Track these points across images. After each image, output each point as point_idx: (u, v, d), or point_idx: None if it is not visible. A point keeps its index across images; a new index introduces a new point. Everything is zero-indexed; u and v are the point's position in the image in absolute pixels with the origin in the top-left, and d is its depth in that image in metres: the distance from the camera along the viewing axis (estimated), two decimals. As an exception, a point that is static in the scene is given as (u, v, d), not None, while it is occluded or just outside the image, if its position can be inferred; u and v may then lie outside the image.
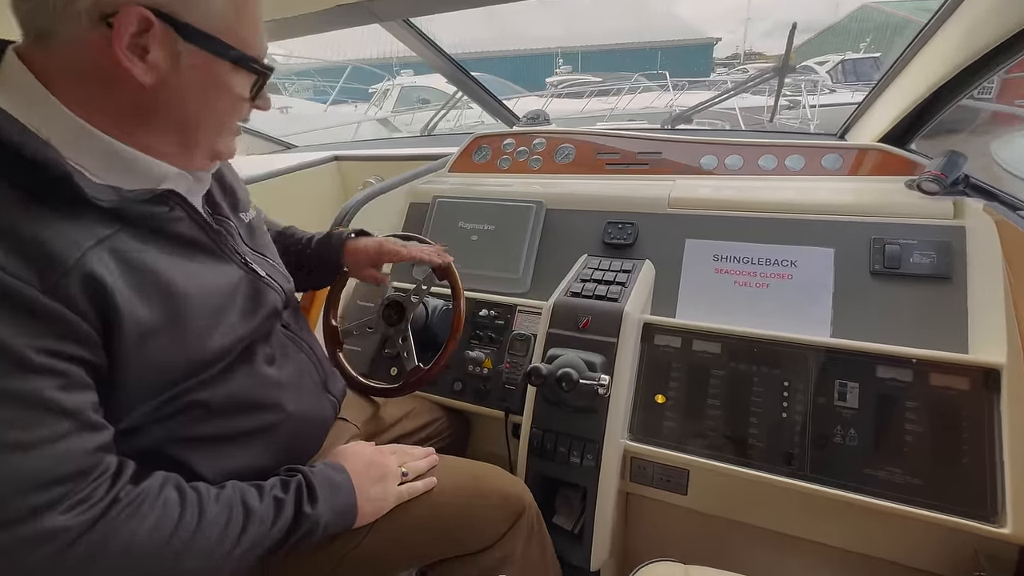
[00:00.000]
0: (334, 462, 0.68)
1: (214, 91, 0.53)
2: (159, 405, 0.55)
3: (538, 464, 0.94)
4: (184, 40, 0.49)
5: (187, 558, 0.50)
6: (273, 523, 0.56)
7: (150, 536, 0.48)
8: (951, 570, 0.80)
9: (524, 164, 1.51)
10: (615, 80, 7.68)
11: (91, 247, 0.46)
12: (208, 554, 0.51)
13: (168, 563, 0.49)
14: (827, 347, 0.88)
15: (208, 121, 0.55)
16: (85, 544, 0.44)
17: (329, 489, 0.62)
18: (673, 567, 0.69)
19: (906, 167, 1.15)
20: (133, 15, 0.45)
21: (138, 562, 0.47)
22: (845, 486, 0.79)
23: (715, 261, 1.09)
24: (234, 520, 0.54)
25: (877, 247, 0.98)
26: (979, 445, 0.76)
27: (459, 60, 1.74)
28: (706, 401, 0.91)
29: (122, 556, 0.46)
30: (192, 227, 0.58)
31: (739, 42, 22.92)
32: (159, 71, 0.48)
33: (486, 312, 1.13)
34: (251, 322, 0.62)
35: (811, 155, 1.25)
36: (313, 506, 0.59)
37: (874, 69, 9.28)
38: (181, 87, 0.51)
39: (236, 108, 0.57)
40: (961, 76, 1.00)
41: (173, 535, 0.49)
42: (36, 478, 0.42)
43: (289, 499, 0.58)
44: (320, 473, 0.63)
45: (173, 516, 0.50)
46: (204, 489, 0.54)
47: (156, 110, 0.51)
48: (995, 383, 0.77)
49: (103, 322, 0.47)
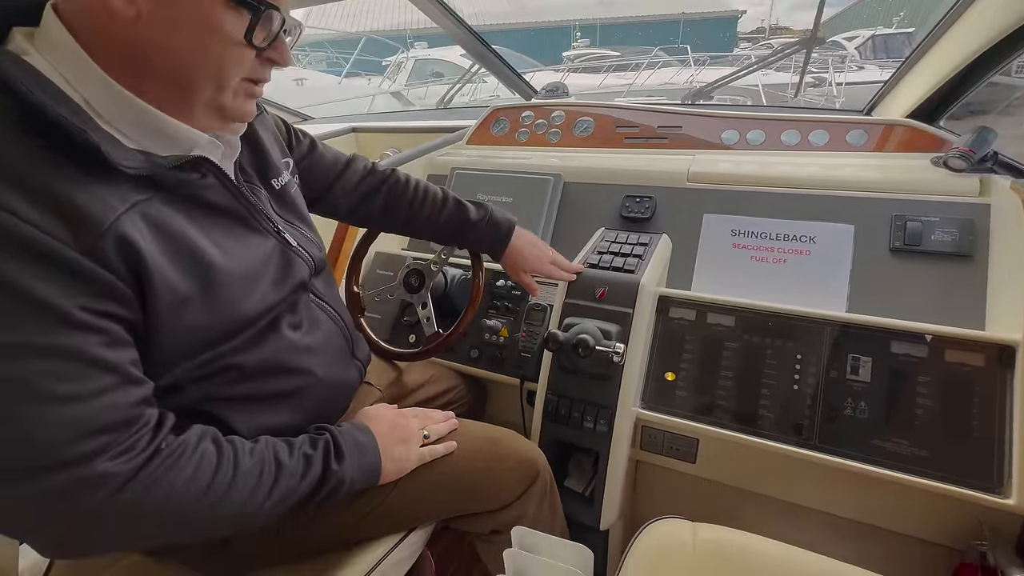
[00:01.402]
0: (360, 423, 0.70)
1: (203, 29, 0.48)
2: (197, 366, 0.57)
3: (552, 429, 0.97)
4: None
5: (222, 507, 0.52)
6: (302, 478, 0.58)
7: (188, 486, 0.50)
8: (954, 541, 0.82)
9: (542, 137, 1.51)
10: (634, 54, 7.48)
11: (125, 211, 0.47)
12: (241, 504, 0.54)
13: (204, 511, 0.52)
14: (842, 322, 0.88)
15: (201, 67, 0.50)
16: (130, 491, 0.46)
17: (355, 448, 0.64)
18: (681, 524, 0.72)
19: (934, 143, 1.13)
20: None
21: (177, 509, 0.50)
22: (853, 456, 0.81)
23: (733, 236, 1.10)
24: (266, 473, 0.56)
25: (899, 224, 0.98)
26: (989, 419, 0.77)
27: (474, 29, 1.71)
28: (718, 372, 0.93)
29: (163, 502, 0.49)
30: (225, 195, 0.58)
31: (764, 16, 22.06)
32: (142, 2, 0.46)
33: (503, 282, 1.15)
34: (281, 291, 0.64)
35: (836, 130, 1.23)
36: (340, 463, 0.61)
37: (906, 45, 8.89)
38: (166, 21, 0.47)
39: (234, 55, 0.51)
40: (996, 49, 0.96)
41: (210, 485, 0.51)
42: (85, 426, 0.44)
43: (317, 456, 0.60)
44: (347, 433, 0.65)
45: (210, 467, 0.52)
46: (239, 443, 0.56)
47: (145, 52, 0.48)
48: (1009, 359, 0.78)
49: (137, 284, 0.48)
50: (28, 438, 0.42)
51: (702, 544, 0.68)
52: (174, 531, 0.52)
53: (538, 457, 0.84)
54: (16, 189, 0.42)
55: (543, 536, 0.67)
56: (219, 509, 0.52)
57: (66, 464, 0.43)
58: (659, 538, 0.70)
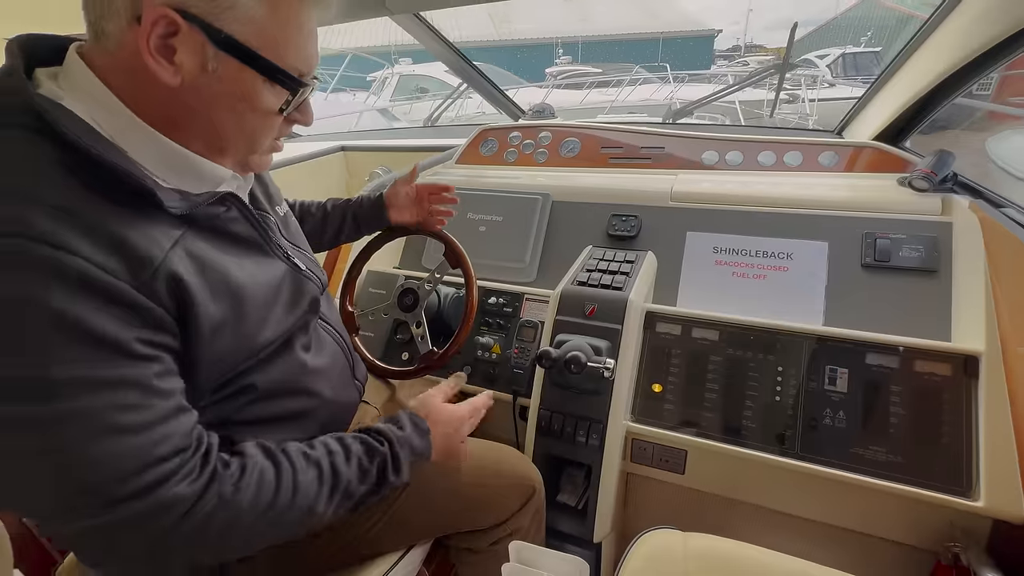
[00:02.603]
0: (422, 421, 0.70)
1: (243, 103, 0.52)
2: (216, 388, 0.58)
3: (545, 443, 0.99)
4: (213, 45, 0.48)
5: (285, 517, 0.54)
6: (359, 485, 0.60)
7: (251, 502, 0.51)
8: (930, 543, 0.86)
9: (530, 157, 1.55)
10: (616, 71, 7.67)
11: (171, 248, 0.49)
12: (303, 513, 0.55)
13: (268, 523, 0.53)
14: (819, 335, 0.93)
15: (237, 134, 0.54)
16: (199, 511, 0.48)
17: (411, 457, 0.66)
18: (672, 534, 0.74)
19: (899, 164, 1.20)
20: (156, 15, 0.45)
21: (242, 524, 0.51)
22: (833, 464, 0.85)
23: (715, 253, 1.14)
24: (325, 483, 0.57)
25: (869, 241, 1.03)
26: (957, 426, 0.82)
27: (459, 49, 1.76)
28: (704, 385, 0.97)
29: (229, 519, 0.50)
30: (247, 226, 0.61)
31: (740, 34, 22.80)
32: (186, 74, 0.48)
33: (495, 300, 1.18)
34: (295, 314, 0.66)
35: (809, 152, 1.30)
36: (397, 476, 0.63)
37: (874, 63, 9.28)
38: (209, 94, 0.50)
39: (268, 123, 0.55)
40: (957, 74, 1.03)
41: (272, 499, 0.53)
42: (153, 454, 0.46)
43: (374, 470, 0.62)
44: (405, 442, 0.66)
45: (270, 482, 0.54)
46: (294, 453, 0.57)
47: (184, 115, 0.51)
48: (974, 369, 0.83)
49: (181, 317, 0.50)
50: (99, 470, 0.44)
51: (692, 553, 0.71)
52: (241, 545, 0.53)
53: (534, 474, 0.87)
54: (76, 229, 0.43)
55: (540, 550, 0.69)
56: (283, 518, 0.54)
57: (137, 493, 0.45)
58: (651, 549, 0.73)
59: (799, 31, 10.52)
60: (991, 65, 0.98)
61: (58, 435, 0.42)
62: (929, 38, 1.07)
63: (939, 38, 1.04)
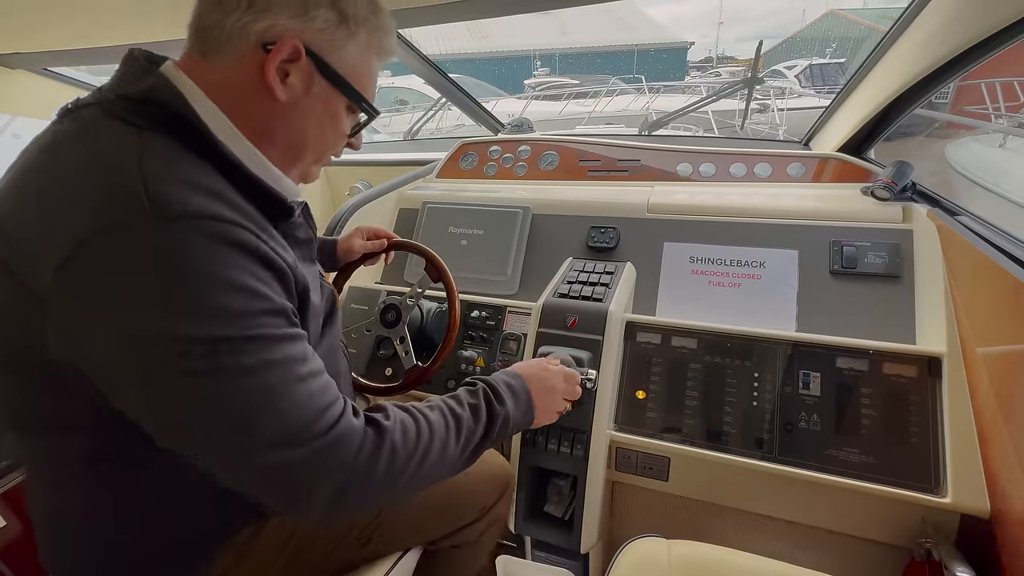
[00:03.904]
0: (509, 369, 0.78)
1: (329, 121, 0.60)
2: None
3: (531, 455, 1.00)
4: (319, 74, 0.56)
5: (429, 458, 0.58)
6: (476, 423, 0.66)
7: (403, 442, 0.56)
8: (903, 540, 0.89)
9: (510, 171, 1.57)
10: (592, 83, 7.81)
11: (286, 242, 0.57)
12: (441, 453, 0.60)
13: (416, 464, 0.57)
14: (792, 341, 0.96)
15: (315, 146, 0.62)
16: (369, 442, 0.53)
17: (508, 391, 0.73)
18: (657, 542, 0.75)
19: (862, 175, 1.25)
20: (291, 45, 0.53)
21: (400, 462, 0.55)
22: (809, 466, 0.88)
23: (691, 263, 1.17)
24: (450, 425, 0.62)
25: (836, 249, 1.08)
26: (924, 426, 0.85)
27: (437, 62, 1.78)
28: (684, 393, 0.99)
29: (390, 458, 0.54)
30: (307, 231, 0.67)
31: (712, 46, 23.48)
32: (293, 93, 0.56)
33: (478, 313, 1.19)
34: (323, 314, 0.69)
35: (777, 163, 1.35)
36: (501, 405, 0.70)
37: (840, 74, 9.66)
38: (305, 111, 0.58)
39: (337, 141, 0.64)
40: (916, 87, 1.08)
41: (417, 440, 0.57)
42: (327, 396, 0.52)
43: (481, 403, 0.68)
44: (498, 379, 0.74)
45: (411, 425, 0.58)
46: (416, 405, 0.63)
47: (278, 125, 0.58)
48: (937, 370, 0.87)
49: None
50: (303, 406, 0.49)
51: (676, 561, 0.72)
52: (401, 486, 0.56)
53: (509, 467, 0.97)
54: (241, 214, 0.49)
55: (526, 563, 0.69)
56: (427, 458, 0.58)
57: (330, 424, 0.50)
58: (636, 557, 0.74)
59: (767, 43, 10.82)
60: (947, 77, 1.02)
61: (266, 381, 0.47)
62: (888, 52, 1.12)
63: (898, 52, 1.09)
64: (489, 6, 1.10)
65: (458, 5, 1.05)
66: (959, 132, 4.99)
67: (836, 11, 18.38)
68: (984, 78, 4.75)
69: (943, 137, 5.12)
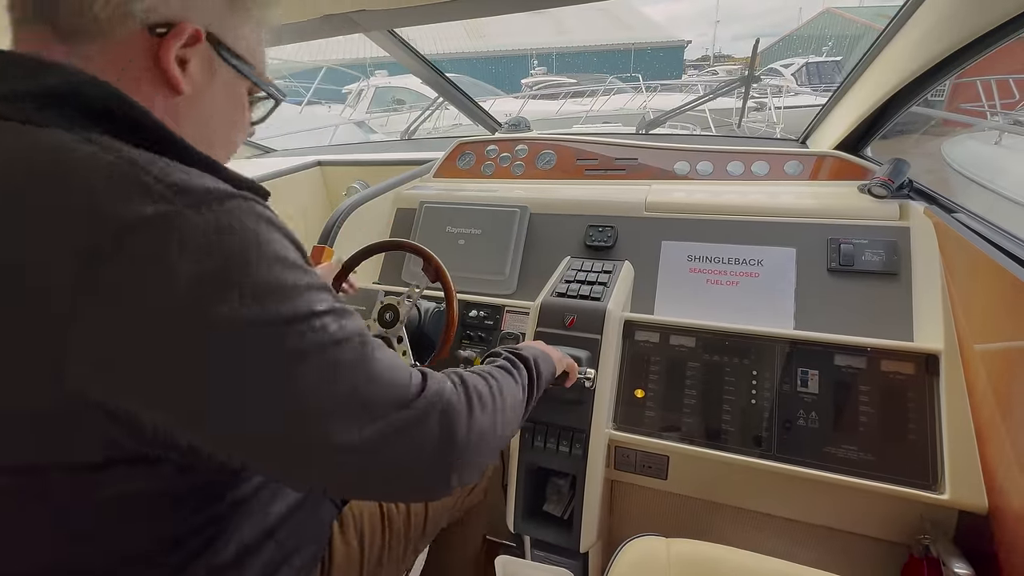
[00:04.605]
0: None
1: (235, 109, 0.56)
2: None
3: (529, 455, 1.00)
4: (220, 58, 0.51)
5: (504, 416, 0.58)
6: (516, 381, 0.65)
7: (480, 403, 0.54)
8: (902, 536, 0.89)
9: (507, 170, 1.57)
10: (590, 82, 7.81)
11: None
12: (515, 407, 0.61)
13: (493, 424, 0.55)
14: (791, 339, 0.96)
15: (225, 136, 0.57)
16: (452, 411, 0.50)
17: (528, 350, 0.74)
18: (656, 540, 0.75)
19: (859, 172, 1.25)
20: (189, 29, 0.47)
21: (484, 424, 0.53)
22: (808, 464, 0.88)
23: (689, 261, 1.17)
24: (506, 383, 0.62)
25: (833, 247, 1.08)
26: (922, 423, 0.85)
27: (434, 61, 1.78)
28: (683, 391, 0.99)
29: (470, 422, 0.51)
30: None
31: (708, 44, 23.50)
32: (195, 83, 0.50)
33: (476, 313, 1.19)
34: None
35: (775, 161, 1.35)
36: (527, 351, 0.72)
37: (836, 72, 9.68)
38: (211, 101, 0.53)
39: (243, 131, 0.60)
40: (912, 85, 1.08)
41: (491, 399, 0.56)
42: (402, 364, 0.49)
43: (507, 362, 0.68)
44: (509, 347, 0.74)
45: (483, 384, 0.57)
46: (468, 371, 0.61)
47: (184, 122, 0.51)
48: (935, 367, 0.87)
49: None
50: (393, 368, 0.47)
51: (675, 559, 0.72)
52: (487, 446, 0.54)
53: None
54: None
55: (526, 563, 0.69)
56: (504, 414, 0.58)
57: (416, 393, 0.48)
58: (635, 556, 0.74)
59: (764, 41, 10.82)
60: (943, 75, 1.02)
61: (355, 351, 0.44)
62: (884, 50, 1.12)
63: (894, 50, 1.09)
64: (486, 5, 1.10)
65: (455, 4, 1.04)
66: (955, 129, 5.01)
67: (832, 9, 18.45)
68: (980, 75, 4.78)
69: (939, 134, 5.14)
